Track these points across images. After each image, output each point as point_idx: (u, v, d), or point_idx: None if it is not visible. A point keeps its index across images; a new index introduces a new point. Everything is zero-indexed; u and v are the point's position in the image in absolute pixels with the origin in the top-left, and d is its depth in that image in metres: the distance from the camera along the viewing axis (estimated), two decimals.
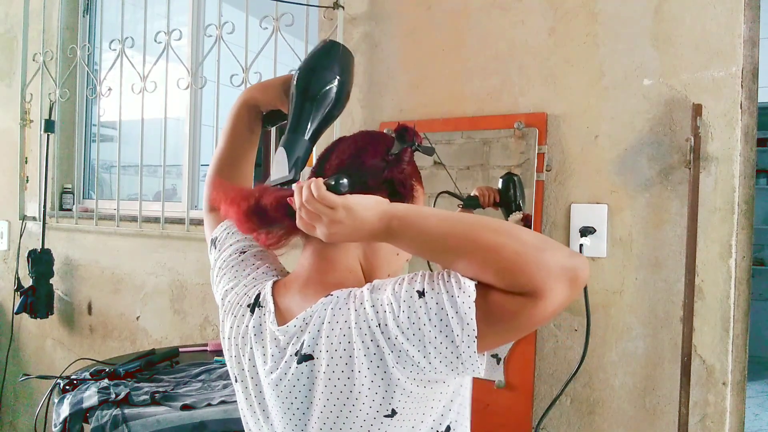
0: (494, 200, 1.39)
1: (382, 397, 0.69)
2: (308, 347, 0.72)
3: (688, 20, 1.45)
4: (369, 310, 0.68)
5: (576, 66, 1.58)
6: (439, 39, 1.78)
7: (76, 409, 1.34)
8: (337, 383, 0.70)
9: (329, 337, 0.70)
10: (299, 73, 0.91)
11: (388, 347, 0.66)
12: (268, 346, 0.77)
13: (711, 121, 1.42)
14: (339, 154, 0.82)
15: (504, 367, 1.60)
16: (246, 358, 0.80)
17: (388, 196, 0.78)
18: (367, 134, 0.86)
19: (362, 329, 0.68)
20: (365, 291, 0.70)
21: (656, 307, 1.48)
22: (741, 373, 1.42)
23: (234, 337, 0.83)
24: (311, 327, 0.73)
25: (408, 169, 0.83)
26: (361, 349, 0.68)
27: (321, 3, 1.97)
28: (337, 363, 0.69)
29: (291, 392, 0.74)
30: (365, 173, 0.79)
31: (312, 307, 0.74)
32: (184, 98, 2.41)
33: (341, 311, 0.71)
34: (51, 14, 2.70)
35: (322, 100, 0.89)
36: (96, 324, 2.59)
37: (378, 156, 0.81)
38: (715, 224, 1.42)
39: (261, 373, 0.79)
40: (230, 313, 0.85)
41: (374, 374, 0.68)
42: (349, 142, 0.84)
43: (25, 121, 2.74)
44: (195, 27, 2.43)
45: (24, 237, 2.73)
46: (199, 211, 2.41)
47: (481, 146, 1.68)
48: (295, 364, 0.73)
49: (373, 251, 0.82)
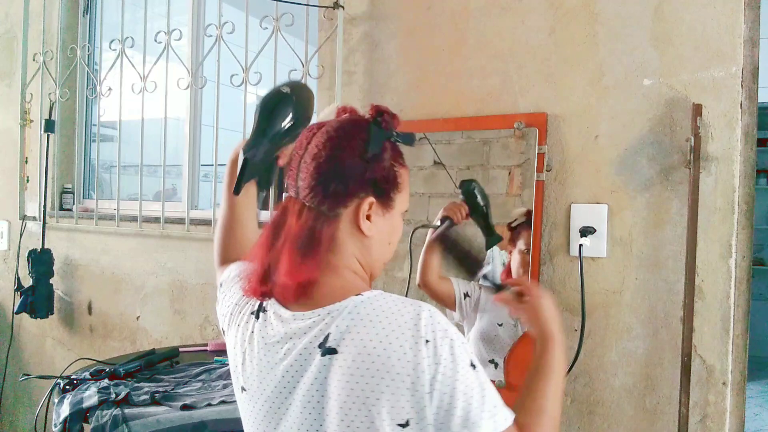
0: (466, 214, 1.40)
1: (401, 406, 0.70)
2: (334, 341, 0.72)
3: (688, 20, 1.45)
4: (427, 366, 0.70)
5: (576, 66, 1.58)
6: (439, 39, 1.78)
7: (76, 409, 1.34)
8: (359, 380, 0.70)
9: (363, 339, 0.71)
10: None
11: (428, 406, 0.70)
12: (277, 337, 0.77)
13: (711, 121, 1.42)
14: (315, 155, 0.79)
15: (504, 367, 1.60)
16: (254, 363, 0.80)
17: (372, 195, 0.80)
18: (339, 127, 0.82)
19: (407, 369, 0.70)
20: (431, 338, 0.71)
21: (656, 307, 1.48)
22: (741, 373, 1.42)
23: (240, 345, 0.82)
24: (339, 321, 0.73)
25: (388, 161, 0.82)
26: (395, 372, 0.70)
27: (321, 3, 1.97)
28: (364, 360, 0.70)
29: (309, 384, 0.73)
30: (345, 179, 0.78)
31: (340, 303, 0.75)
32: (184, 98, 2.41)
33: (387, 320, 0.72)
34: (51, 14, 2.70)
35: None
36: (96, 324, 2.59)
37: (355, 155, 0.79)
38: (715, 224, 1.42)
39: (269, 369, 0.78)
40: (234, 324, 0.85)
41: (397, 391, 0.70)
42: (323, 138, 0.80)
43: (25, 121, 2.74)
44: (195, 27, 2.43)
45: (24, 237, 2.73)
46: (199, 211, 2.41)
47: (481, 146, 1.68)
48: (319, 356, 0.73)
49: (367, 249, 0.82)
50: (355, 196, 0.79)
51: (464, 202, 1.41)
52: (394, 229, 0.86)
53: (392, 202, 0.83)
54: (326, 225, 0.79)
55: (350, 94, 1.93)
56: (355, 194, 0.79)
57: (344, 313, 0.74)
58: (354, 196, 0.79)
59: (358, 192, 0.79)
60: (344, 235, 0.80)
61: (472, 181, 1.42)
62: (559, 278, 1.59)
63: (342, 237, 0.80)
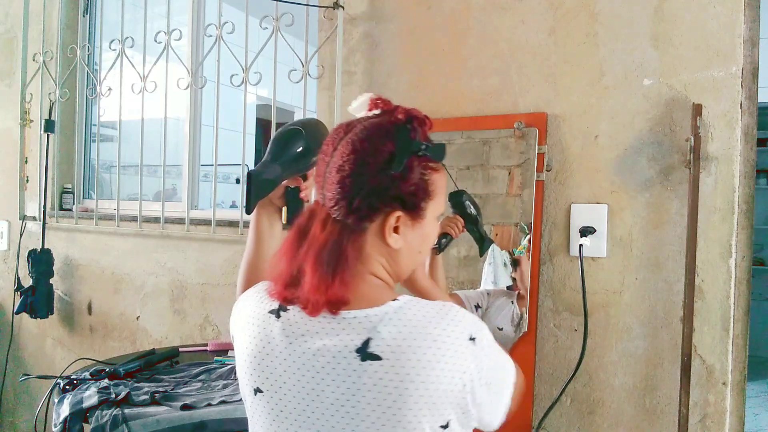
0: (462, 227, 1.41)
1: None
2: (377, 347, 0.71)
3: (688, 20, 1.45)
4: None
5: (576, 66, 1.58)
6: (439, 39, 1.78)
7: (76, 408, 1.34)
8: (408, 386, 0.70)
9: (411, 346, 0.71)
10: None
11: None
12: (306, 337, 0.75)
13: (711, 121, 1.42)
14: (339, 167, 0.77)
15: None
16: (275, 364, 0.77)
17: (400, 209, 0.77)
18: (365, 136, 0.77)
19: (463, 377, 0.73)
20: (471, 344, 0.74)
21: (656, 307, 1.48)
22: (741, 373, 1.42)
23: (255, 345, 0.79)
24: (382, 327, 0.72)
25: (417, 175, 0.77)
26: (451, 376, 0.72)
27: (321, 3, 1.97)
28: (414, 367, 0.70)
29: (345, 389, 0.72)
30: (371, 196, 0.76)
31: (378, 308, 0.74)
32: (184, 98, 2.41)
33: (431, 325, 0.72)
34: (51, 14, 2.70)
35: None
36: (96, 324, 2.59)
37: (381, 170, 0.75)
38: (715, 224, 1.42)
39: (295, 369, 0.75)
40: (247, 324, 0.82)
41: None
42: (349, 150, 0.77)
43: (25, 121, 2.74)
44: (195, 27, 2.43)
45: (24, 237, 2.73)
46: (198, 211, 2.41)
47: (481, 146, 1.68)
48: (357, 361, 0.71)
49: (394, 259, 0.81)
50: (380, 212, 0.77)
51: (458, 215, 1.42)
52: (425, 238, 0.83)
53: (422, 212, 0.80)
54: (352, 239, 0.76)
55: (350, 94, 1.93)
56: (381, 210, 0.77)
57: (386, 319, 0.73)
58: (380, 211, 0.77)
59: (384, 208, 0.77)
60: (371, 248, 0.78)
61: (462, 193, 1.42)
62: (559, 278, 1.59)
63: (369, 250, 0.78)
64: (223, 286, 2.20)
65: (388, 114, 0.80)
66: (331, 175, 0.78)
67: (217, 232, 2.19)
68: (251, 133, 4.12)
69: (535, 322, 1.58)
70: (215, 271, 2.23)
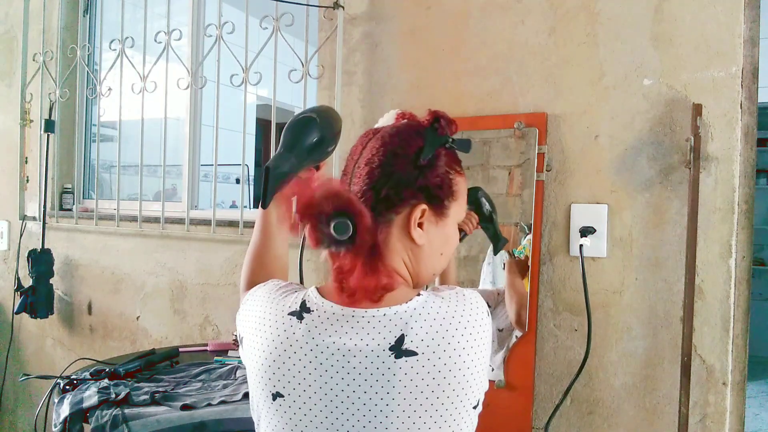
0: (476, 223, 1.41)
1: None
2: (412, 343, 0.72)
3: (688, 20, 1.45)
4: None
5: (576, 66, 1.58)
6: (439, 39, 1.78)
7: (76, 409, 1.34)
8: (446, 377, 0.72)
9: (444, 338, 0.73)
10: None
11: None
12: (333, 338, 0.75)
13: (711, 121, 1.42)
14: (369, 160, 0.79)
15: (504, 367, 1.60)
16: (297, 367, 0.76)
17: (425, 202, 0.79)
18: (396, 132, 0.81)
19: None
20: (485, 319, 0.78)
21: (656, 307, 1.48)
22: (741, 373, 1.42)
23: (274, 348, 0.77)
24: (414, 324, 0.73)
25: (443, 168, 0.81)
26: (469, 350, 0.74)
27: (321, 3, 1.97)
28: (450, 356, 0.72)
29: (379, 387, 0.72)
30: (399, 185, 0.77)
31: (407, 304, 0.75)
32: (184, 98, 2.41)
33: (458, 313, 0.75)
34: (51, 14, 2.70)
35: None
36: (96, 324, 2.59)
37: (409, 161, 0.78)
38: (715, 224, 1.42)
39: (323, 371, 0.74)
40: (265, 327, 0.80)
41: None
42: (378, 144, 0.80)
43: (25, 121, 2.74)
44: (195, 27, 2.43)
45: (24, 237, 2.73)
46: (199, 211, 2.41)
47: (481, 146, 1.68)
48: (392, 359, 0.72)
49: (416, 257, 0.81)
50: (407, 203, 0.78)
51: (473, 211, 1.41)
52: (447, 239, 0.84)
53: (446, 210, 0.81)
54: (378, 230, 0.77)
55: (350, 94, 1.93)
56: (408, 201, 0.78)
57: (415, 314, 0.74)
58: (406, 202, 0.78)
59: (410, 198, 0.78)
60: (395, 241, 0.79)
61: (478, 189, 1.41)
62: (559, 278, 1.59)
63: (393, 244, 0.79)
64: (223, 286, 2.20)
65: (415, 121, 0.85)
66: (359, 169, 0.79)
67: (217, 232, 2.19)
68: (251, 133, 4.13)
69: (535, 322, 1.58)
70: (215, 271, 2.23)
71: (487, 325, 0.77)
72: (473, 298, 0.78)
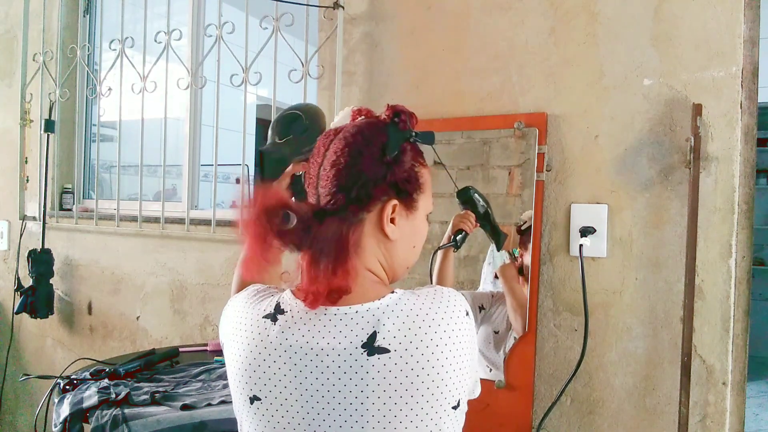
0: (475, 221, 1.42)
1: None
2: (384, 340, 0.71)
3: (688, 20, 1.45)
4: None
5: (576, 66, 1.58)
6: (439, 39, 1.78)
7: (76, 409, 1.34)
8: (419, 374, 0.71)
9: (417, 335, 0.72)
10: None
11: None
12: (306, 339, 0.74)
13: (711, 121, 1.42)
14: (334, 162, 0.79)
15: (504, 367, 1.60)
16: (272, 369, 0.76)
17: (395, 197, 0.79)
18: (357, 131, 0.81)
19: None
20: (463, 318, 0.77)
21: (656, 307, 1.48)
22: (741, 373, 1.42)
23: (250, 351, 0.78)
24: (386, 320, 0.72)
25: (409, 162, 0.82)
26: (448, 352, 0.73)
27: (321, 3, 1.97)
28: (423, 353, 0.71)
29: (353, 386, 0.72)
30: (368, 184, 0.78)
31: (379, 301, 0.74)
32: (184, 98, 2.41)
33: (432, 311, 0.74)
34: (51, 14, 2.70)
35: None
36: (96, 324, 2.59)
37: (375, 158, 0.79)
38: (715, 224, 1.42)
39: (297, 372, 0.74)
40: (240, 330, 0.80)
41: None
42: (342, 144, 0.80)
43: (25, 121, 2.75)
44: (195, 27, 2.43)
45: (24, 237, 2.73)
46: (199, 211, 2.41)
47: (481, 146, 1.68)
48: (364, 357, 0.71)
49: (390, 252, 0.82)
50: (378, 200, 0.79)
51: (469, 210, 1.42)
52: (418, 231, 0.86)
53: (416, 203, 0.83)
54: (351, 229, 0.77)
55: (350, 94, 1.93)
56: (378, 198, 0.79)
57: (388, 311, 0.73)
58: (377, 199, 0.79)
59: (380, 195, 0.79)
60: (368, 239, 0.80)
61: (469, 188, 1.42)
62: (559, 278, 1.59)
63: (366, 242, 0.79)
64: (223, 286, 2.20)
65: (374, 116, 0.85)
66: (325, 172, 0.79)
67: (217, 232, 2.19)
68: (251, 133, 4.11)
69: (535, 322, 1.58)
70: (215, 271, 2.23)
71: (465, 324, 0.75)
72: (450, 295, 0.77)
